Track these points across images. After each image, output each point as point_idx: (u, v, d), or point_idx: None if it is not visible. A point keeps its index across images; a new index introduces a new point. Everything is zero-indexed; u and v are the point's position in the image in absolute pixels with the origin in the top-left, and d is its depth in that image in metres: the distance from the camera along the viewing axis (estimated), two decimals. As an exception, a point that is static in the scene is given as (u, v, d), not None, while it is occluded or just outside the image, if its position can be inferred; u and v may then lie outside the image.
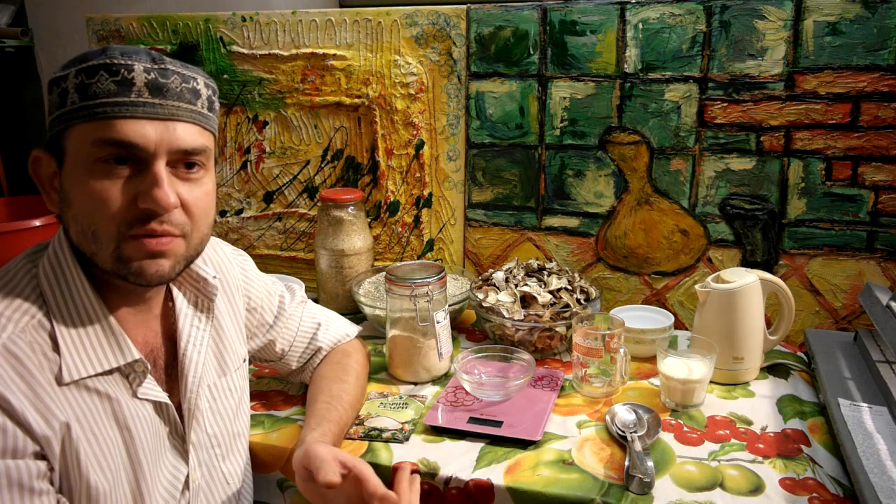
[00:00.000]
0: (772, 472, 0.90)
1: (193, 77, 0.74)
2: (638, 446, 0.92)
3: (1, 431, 0.65)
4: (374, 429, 1.01)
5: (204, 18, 1.57)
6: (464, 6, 1.42)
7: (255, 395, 1.11)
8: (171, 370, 0.83)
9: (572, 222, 1.44)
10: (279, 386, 1.17)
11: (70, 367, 0.71)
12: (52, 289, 0.73)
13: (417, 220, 1.55)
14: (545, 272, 1.30)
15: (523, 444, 0.96)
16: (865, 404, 0.98)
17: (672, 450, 0.95)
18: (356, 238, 1.43)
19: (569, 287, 1.26)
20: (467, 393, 1.08)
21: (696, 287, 1.15)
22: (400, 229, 1.57)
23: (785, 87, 1.26)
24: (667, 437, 0.98)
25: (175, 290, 0.85)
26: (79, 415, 0.71)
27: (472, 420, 1.01)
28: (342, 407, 0.96)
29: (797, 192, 1.29)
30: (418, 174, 1.52)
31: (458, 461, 0.93)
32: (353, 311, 1.40)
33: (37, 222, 1.69)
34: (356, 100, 1.52)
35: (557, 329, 1.22)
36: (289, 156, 1.60)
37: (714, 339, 1.09)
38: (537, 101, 1.40)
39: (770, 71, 1.26)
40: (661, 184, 1.36)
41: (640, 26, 1.31)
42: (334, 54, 1.51)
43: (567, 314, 1.20)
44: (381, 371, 1.20)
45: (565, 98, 1.38)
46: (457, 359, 1.12)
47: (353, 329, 1.14)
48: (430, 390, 1.14)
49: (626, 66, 1.33)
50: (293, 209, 1.63)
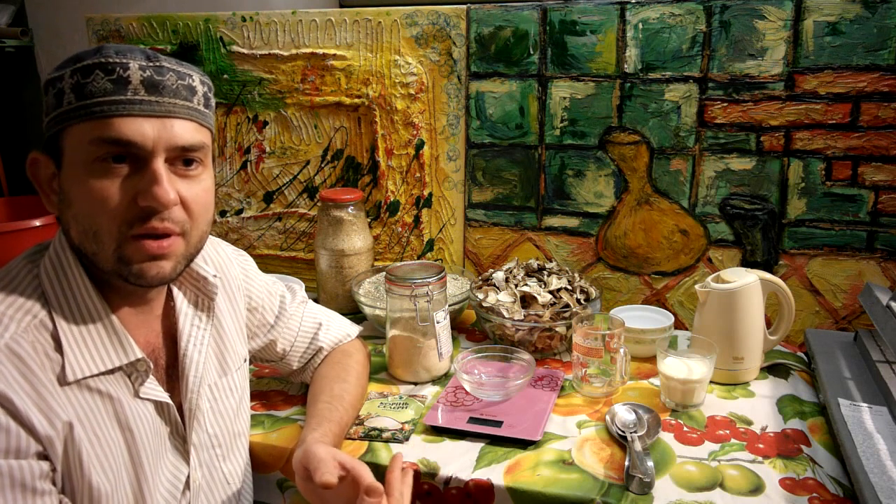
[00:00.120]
0: (772, 472, 0.90)
1: (189, 74, 0.74)
2: (638, 446, 0.92)
3: (4, 431, 0.65)
4: (374, 429, 1.01)
5: (204, 18, 1.56)
6: (464, 6, 1.42)
7: (255, 395, 1.11)
8: (172, 370, 0.83)
9: (572, 222, 1.44)
10: (279, 386, 1.17)
11: (73, 366, 0.71)
12: (53, 289, 0.73)
13: (417, 220, 1.55)
14: (545, 272, 1.30)
15: (523, 444, 0.96)
16: (865, 404, 0.98)
17: (672, 450, 0.95)
18: (356, 238, 1.43)
19: (569, 287, 1.26)
20: (467, 393, 1.08)
21: (696, 287, 1.15)
22: (400, 229, 1.57)
23: (785, 87, 1.26)
24: (667, 437, 0.98)
25: (175, 289, 0.85)
26: (81, 415, 0.71)
27: (472, 420, 1.01)
28: (343, 407, 0.96)
29: (797, 192, 1.29)
30: (418, 174, 1.52)
31: (458, 461, 0.93)
32: (353, 311, 1.40)
33: (37, 222, 1.69)
34: (356, 100, 1.52)
35: (557, 329, 1.22)
36: (289, 156, 1.60)
37: (714, 339, 1.09)
38: (537, 101, 1.40)
39: (770, 71, 1.26)
40: (661, 184, 1.36)
41: (640, 26, 1.31)
42: (334, 54, 1.51)
43: (567, 314, 1.20)
44: (381, 371, 1.20)
45: (565, 98, 1.38)
46: (457, 359, 1.12)
47: (353, 329, 1.14)
48: (430, 390, 1.14)
49: (626, 66, 1.33)
50: (293, 209, 1.63)
